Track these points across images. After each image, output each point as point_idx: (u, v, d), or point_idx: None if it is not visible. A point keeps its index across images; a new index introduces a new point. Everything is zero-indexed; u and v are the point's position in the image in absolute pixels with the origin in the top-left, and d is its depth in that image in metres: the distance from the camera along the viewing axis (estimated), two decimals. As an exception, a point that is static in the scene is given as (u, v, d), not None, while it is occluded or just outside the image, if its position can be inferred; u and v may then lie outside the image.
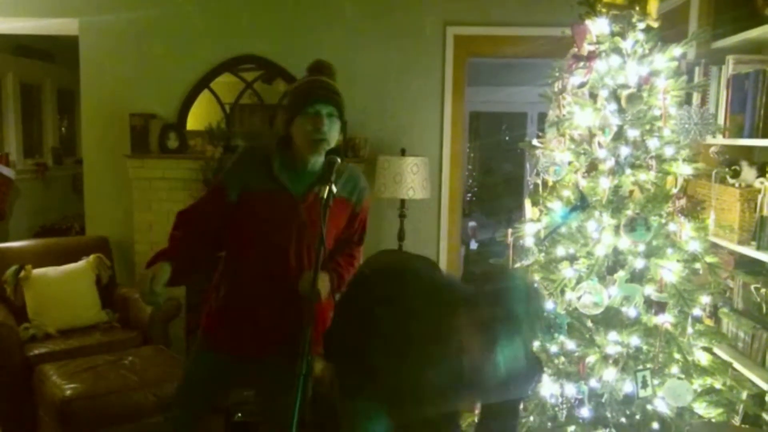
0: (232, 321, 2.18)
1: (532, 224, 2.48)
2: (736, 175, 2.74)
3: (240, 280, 2.16)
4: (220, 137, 4.38)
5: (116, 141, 4.36)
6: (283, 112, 2.16)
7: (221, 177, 2.18)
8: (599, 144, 2.27)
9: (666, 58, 2.24)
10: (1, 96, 6.03)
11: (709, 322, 2.41)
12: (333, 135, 2.06)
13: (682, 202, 2.25)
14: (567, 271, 2.24)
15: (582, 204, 2.24)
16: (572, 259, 2.28)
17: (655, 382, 2.15)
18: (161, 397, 3.14)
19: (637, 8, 2.25)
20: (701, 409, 2.20)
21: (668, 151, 2.24)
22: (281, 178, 2.07)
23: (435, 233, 4.41)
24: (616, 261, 2.27)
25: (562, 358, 2.32)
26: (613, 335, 2.20)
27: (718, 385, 2.23)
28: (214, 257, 2.22)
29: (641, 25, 2.25)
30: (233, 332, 2.18)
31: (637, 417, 2.22)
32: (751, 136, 2.65)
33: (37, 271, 3.83)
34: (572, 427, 2.25)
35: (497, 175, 8.68)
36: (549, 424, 2.29)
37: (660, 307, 2.16)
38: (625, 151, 2.23)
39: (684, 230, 2.21)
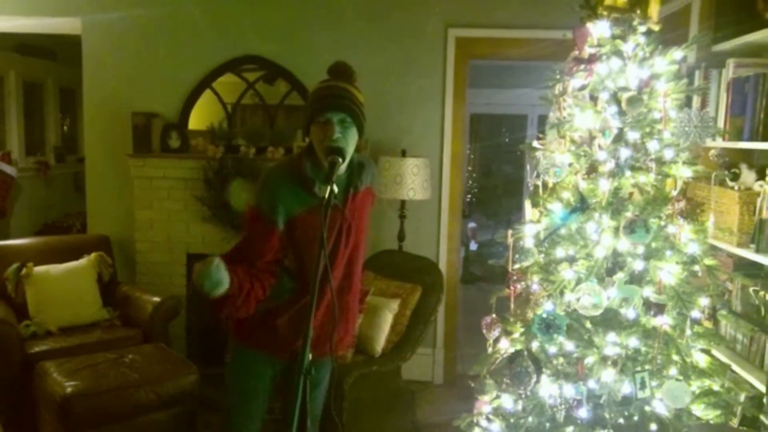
0: (291, 326, 2.18)
1: (531, 226, 2.48)
2: (735, 178, 2.75)
3: (296, 289, 2.17)
4: (222, 137, 4.40)
5: (118, 140, 4.38)
6: (302, 121, 2.16)
7: (262, 212, 2.09)
8: (599, 146, 2.27)
9: (666, 61, 2.24)
10: (3, 94, 6.04)
11: (707, 324, 2.40)
12: (349, 141, 2.04)
13: (682, 204, 2.25)
14: (566, 273, 2.24)
15: (582, 206, 2.25)
16: (572, 260, 2.28)
17: (654, 383, 2.16)
18: (161, 395, 3.15)
19: (638, 11, 2.25)
20: (699, 410, 2.20)
21: (668, 154, 2.23)
22: (320, 194, 2.05)
23: (435, 234, 4.42)
24: (615, 263, 2.27)
25: (561, 359, 2.32)
26: (611, 336, 2.20)
27: (716, 387, 2.23)
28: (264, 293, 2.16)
29: (642, 28, 2.25)
30: (291, 337, 2.17)
31: (635, 418, 2.22)
32: (750, 139, 2.66)
33: (39, 269, 3.84)
34: (570, 428, 2.25)
35: (497, 177, 8.70)
36: (547, 424, 2.30)
37: (659, 308, 2.16)
38: (625, 153, 2.23)
39: (683, 232, 2.21)
